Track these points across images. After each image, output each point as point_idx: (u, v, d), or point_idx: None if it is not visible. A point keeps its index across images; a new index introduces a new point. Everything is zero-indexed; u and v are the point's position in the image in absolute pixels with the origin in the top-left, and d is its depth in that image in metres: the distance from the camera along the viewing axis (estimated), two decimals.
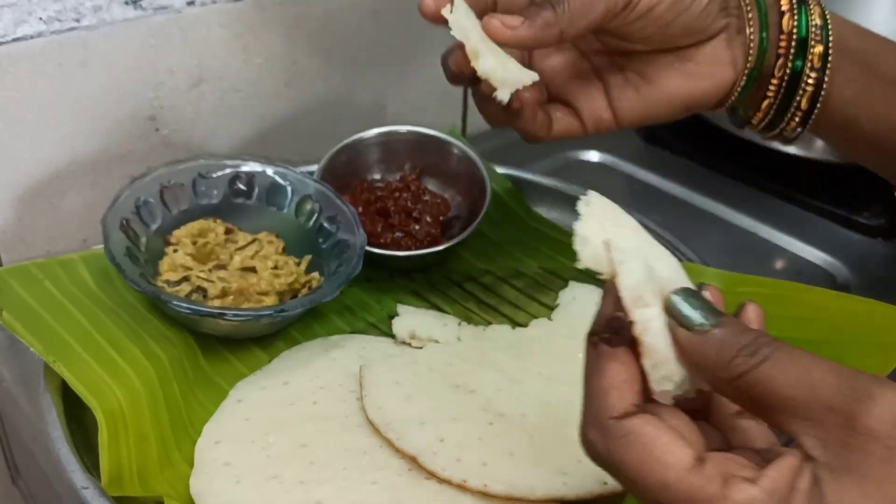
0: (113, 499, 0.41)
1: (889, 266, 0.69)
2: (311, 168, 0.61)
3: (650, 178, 0.78)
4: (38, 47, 0.56)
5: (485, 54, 0.43)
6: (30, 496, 0.63)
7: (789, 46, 0.46)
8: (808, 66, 0.46)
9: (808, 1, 0.46)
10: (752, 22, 0.46)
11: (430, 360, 0.51)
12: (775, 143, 0.76)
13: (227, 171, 0.56)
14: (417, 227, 0.59)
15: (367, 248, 0.54)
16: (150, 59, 0.60)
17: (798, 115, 0.47)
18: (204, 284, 0.51)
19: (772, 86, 0.47)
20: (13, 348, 0.51)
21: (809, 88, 0.46)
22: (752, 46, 0.46)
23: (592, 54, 0.49)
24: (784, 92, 0.47)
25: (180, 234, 0.53)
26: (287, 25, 0.66)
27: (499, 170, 0.67)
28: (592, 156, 0.81)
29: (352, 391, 0.48)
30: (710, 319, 0.30)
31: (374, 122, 0.65)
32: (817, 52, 0.45)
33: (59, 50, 0.56)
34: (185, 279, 0.51)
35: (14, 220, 0.59)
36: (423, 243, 0.58)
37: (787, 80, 0.46)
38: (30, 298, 0.49)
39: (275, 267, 0.53)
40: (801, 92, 0.46)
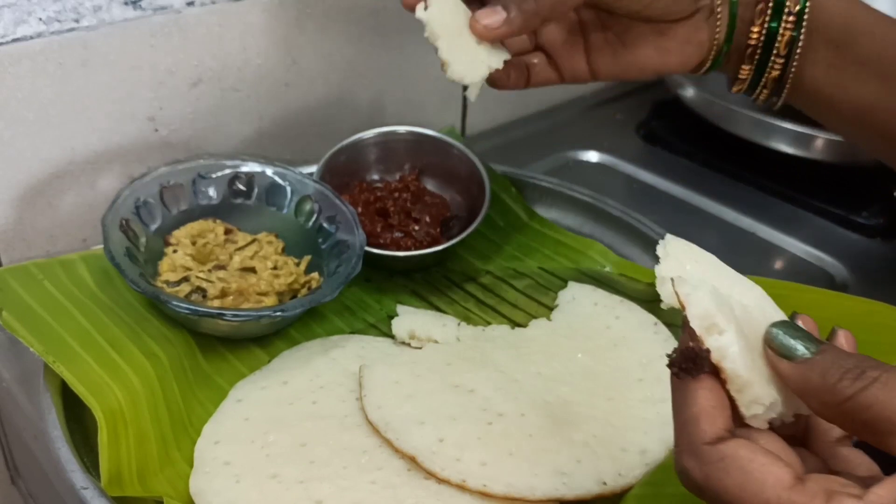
0: (113, 499, 0.41)
1: (887, 266, 0.69)
2: (311, 168, 0.61)
3: (649, 178, 0.78)
4: (38, 47, 0.56)
5: (453, 63, 0.45)
6: (29, 496, 0.63)
7: (762, 28, 0.47)
8: (777, 43, 0.48)
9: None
10: (722, 9, 0.48)
11: (429, 360, 0.51)
12: (774, 142, 0.76)
13: (227, 172, 0.56)
14: (417, 227, 0.59)
15: (366, 249, 0.54)
16: (149, 59, 0.60)
17: (769, 86, 0.50)
18: (203, 285, 0.51)
19: (747, 57, 0.49)
20: (13, 348, 0.52)
21: (778, 66, 0.48)
22: (720, 31, 0.48)
23: (582, 6, 0.50)
24: (757, 64, 0.49)
25: (180, 234, 0.54)
26: (286, 26, 0.66)
27: (498, 170, 0.67)
28: (592, 156, 0.81)
29: (351, 391, 0.49)
30: (811, 348, 0.30)
31: (373, 122, 0.66)
32: (786, 37, 0.47)
33: (59, 50, 0.56)
34: (185, 279, 0.51)
35: (14, 219, 0.59)
36: (422, 243, 0.58)
37: (760, 55, 0.48)
38: (29, 298, 0.49)
39: (274, 267, 0.53)
40: (771, 65, 0.48)
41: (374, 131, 0.63)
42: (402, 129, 0.64)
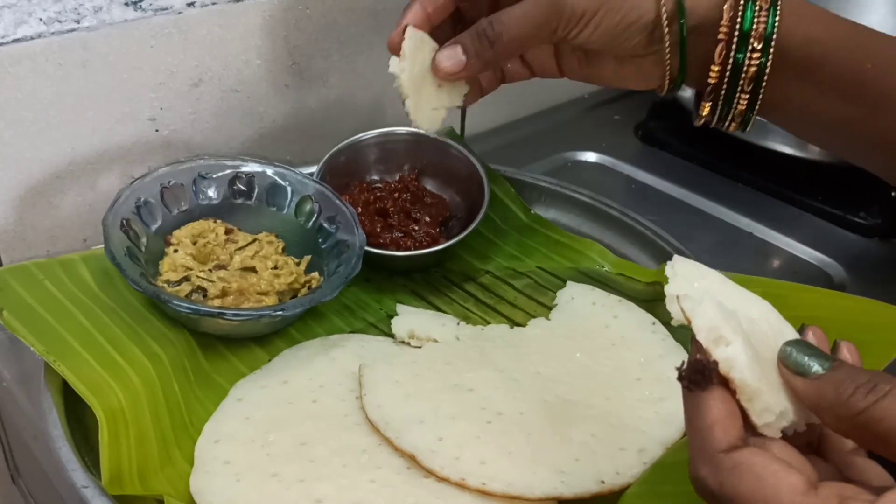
0: (113, 498, 0.41)
1: (885, 266, 0.69)
2: (311, 169, 0.61)
3: (647, 178, 0.78)
4: (38, 48, 0.56)
5: (417, 119, 0.50)
6: (30, 495, 0.63)
7: (726, 62, 0.48)
8: (744, 73, 0.48)
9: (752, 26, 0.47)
10: (671, 52, 0.49)
11: (429, 359, 0.51)
12: (771, 143, 0.77)
13: (228, 172, 0.56)
14: (416, 227, 0.59)
15: (366, 249, 0.54)
16: (150, 59, 0.61)
17: (736, 118, 0.50)
18: (204, 284, 0.51)
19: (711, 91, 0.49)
20: (14, 348, 0.52)
21: (744, 100, 0.49)
22: (669, 71, 0.50)
23: None
24: (725, 95, 0.49)
25: (180, 234, 0.54)
26: (287, 26, 0.66)
27: (497, 170, 0.67)
28: (590, 156, 0.81)
29: (351, 390, 0.49)
30: (825, 364, 0.31)
31: (373, 122, 0.66)
32: (752, 69, 0.47)
33: (60, 51, 0.57)
34: (186, 279, 0.52)
35: (15, 219, 0.59)
36: (422, 243, 0.59)
37: (728, 85, 0.48)
38: (30, 298, 0.50)
39: (275, 267, 0.54)
40: (738, 97, 0.49)
41: (374, 132, 0.63)
42: (401, 129, 0.64)
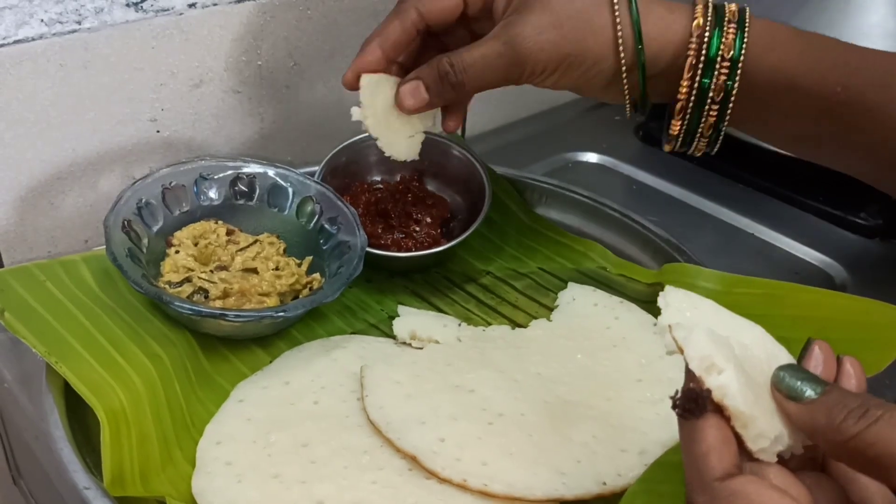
0: (115, 499, 0.41)
1: (886, 266, 0.69)
2: (312, 169, 0.61)
3: (648, 178, 0.78)
4: (39, 49, 0.56)
5: (392, 153, 0.54)
6: (31, 496, 0.63)
7: (691, 87, 0.48)
8: (710, 97, 0.49)
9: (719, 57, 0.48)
10: (631, 93, 0.50)
11: (430, 360, 0.51)
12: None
13: (229, 173, 0.56)
14: (417, 228, 0.59)
15: (367, 250, 0.54)
16: (151, 60, 0.61)
17: (704, 136, 0.51)
18: (205, 285, 0.51)
19: (676, 113, 0.50)
20: (15, 349, 0.52)
21: (713, 115, 0.49)
22: (631, 105, 0.52)
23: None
24: (689, 121, 0.50)
25: (182, 235, 0.54)
26: (287, 27, 0.66)
27: (498, 171, 0.67)
28: (591, 157, 0.81)
29: (352, 391, 0.49)
30: (817, 389, 0.31)
31: None
32: (718, 97, 0.48)
33: (61, 52, 0.57)
34: (187, 280, 0.52)
35: (16, 220, 0.59)
36: (423, 244, 0.59)
37: (692, 110, 0.50)
38: (31, 299, 0.50)
39: (276, 268, 0.54)
40: (705, 118, 0.50)
41: None
42: None
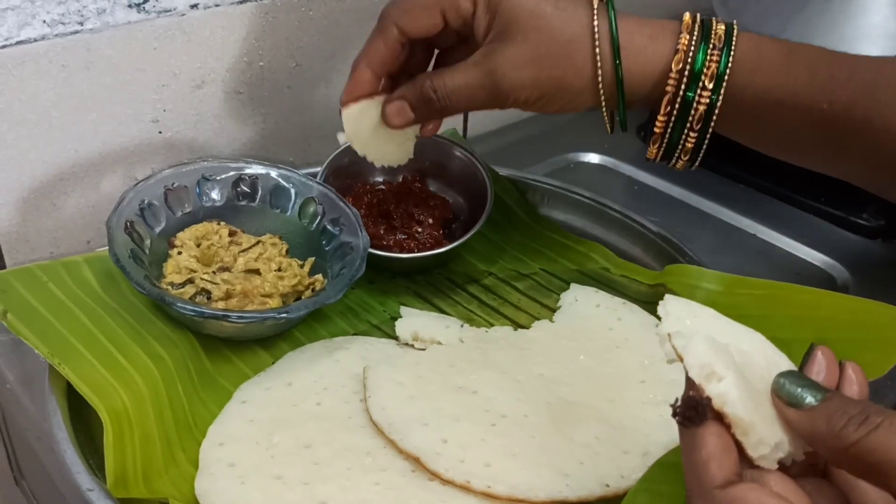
0: (118, 500, 0.41)
1: (888, 267, 0.69)
2: (314, 170, 0.61)
3: (649, 179, 0.78)
4: (41, 50, 0.56)
5: (383, 158, 0.55)
6: (33, 497, 0.63)
7: (675, 102, 0.48)
8: (693, 112, 0.48)
9: (703, 73, 0.48)
10: (610, 119, 0.51)
11: (432, 361, 0.51)
12: None
13: (231, 174, 0.56)
14: (420, 229, 0.59)
15: (369, 251, 0.54)
16: (153, 61, 0.61)
17: (685, 153, 0.51)
18: (208, 286, 0.51)
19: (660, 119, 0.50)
20: (17, 350, 0.52)
21: (692, 138, 0.49)
22: (611, 127, 0.52)
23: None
24: (671, 132, 0.50)
25: (184, 236, 0.54)
26: (289, 28, 0.66)
27: (500, 171, 0.67)
28: (592, 158, 0.81)
29: (355, 392, 0.49)
30: (818, 395, 0.31)
31: None
32: (701, 109, 0.48)
33: (63, 52, 0.57)
34: (190, 281, 0.52)
35: (18, 221, 0.59)
36: (425, 245, 0.59)
37: (675, 123, 0.49)
38: (34, 300, 0.50)
39: (278, 269, 0.54)
40: (685, 135, 0.49)
41: None
42: None
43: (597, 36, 0.48)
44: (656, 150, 0.51)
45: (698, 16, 0.49)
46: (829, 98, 0.47)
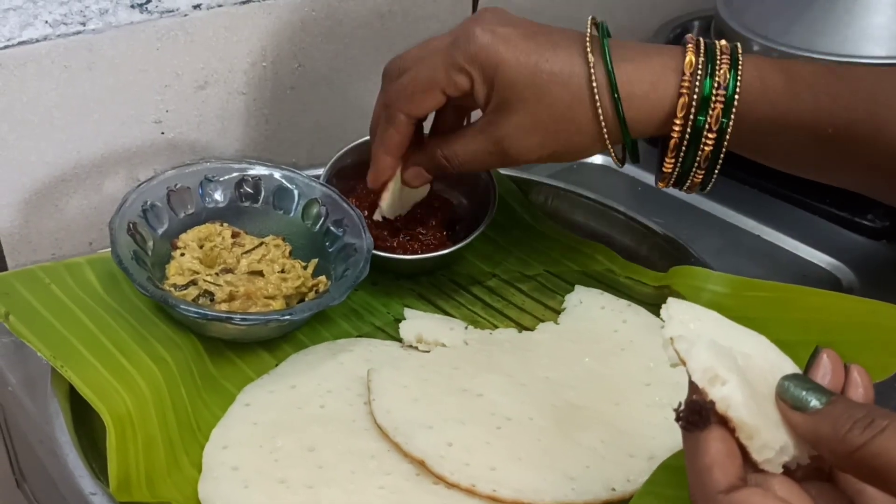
0: None
1: (893, 269, 0.69)
2: (317, 171, 0.60)
3: (653, 179, 0.78)
4: (43, 50, 0.56)
5: (403, 207, 0.59)
6: (35, 500, 0.63)
7: (685, 125, 0.48)
8: (704, 139, 0.49)
9: (712, 95, 0.48)
10: (616, 150, 0.53)
11: (437, 363, 0.51)
12: None
13: (234, 175, 0.56)
14: (423, 230, 0.59)
15: (373, 252, 0.54)
16: (155, 62, 0.60)
17: (700, 173, 0.51)
18: (211, 288, 0.51)
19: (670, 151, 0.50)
20: (20, 352, 0.51)
21: (707, 148, 0.49)
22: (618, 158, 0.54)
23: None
24: (684, 159, 0.50)
25: (187, 237, 0.53)
26: (292, 28, 0.66)
27: (504, 172, 0.67)
28: (596, 158, 0.80)
29: (359, 395, 0.48)
30: (822, 399, 0.31)
31: None
32: (709, 145, 0.49)
33: (65, 53, 0.56)
34: (193, 283, 0.51)
35: (20, 223, 0.59)
36: (428, 247, 0.58)
37: (687, 147, 0.50)
38: (36, 302, 0.49)
39: (282, 271, 0.53)
40: (701, 151, 0.50)
41: None
42: None
43: (597, 96, 0.48)
44: (672, 164, 0.51)
45: (700, 56, 0.48)
46: (832, 120, 0.47)
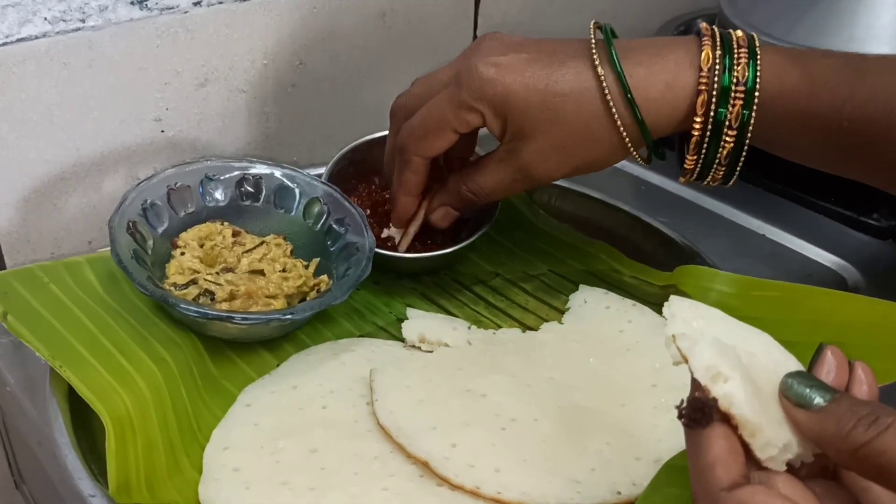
0: None
1: None
2: (318, 170, 0.60)
3: (657, 179, 0.77)
4: (43, 47, 0.55)
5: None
6: (34, 502, 0.63)
7: (706, 118, 0.48)
8: (727, 127, 0.48)
9: (731, 88, 0.47)
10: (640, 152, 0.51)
11: (440, 364, 0.50)
12: None
13: (235, 173, 0.56)
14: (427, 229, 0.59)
15: (375, 250, 0.53)
16: (155, 59, 0.60)
17: (722, 165, 0.51)
18: (212, 287, 0.50)
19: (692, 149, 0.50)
20: (18, 352, 0.51)
21: (728, 145, 0.49)
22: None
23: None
24: (706, 153, 0.50)
25: (187, 236, 0.53)
26: (294, 26, 0.66)
27: None
28: None
29: (362, 395, 0.48)
30: (826, 396, 0.31)
31: (381, 124, 0.65)
32: (729, 141, 0.49)
33: (65, 50, 0.56)
34: (193, 282, 0.51)
35: (19, 222, 0.59)
36: (431, 246, 0.58)
37: (709, 142, 0.49)
38: (35, 302, 0.49)
39: (283, 270, 0.53)
40: (723, 146, 0.49)
41: (383, 133, 0.62)
42: None
43: (613, 108, 0.48)
44: (694, 161, 0.51)
45: (717, 49, 0.47)
46: (849, 116, 0.47)
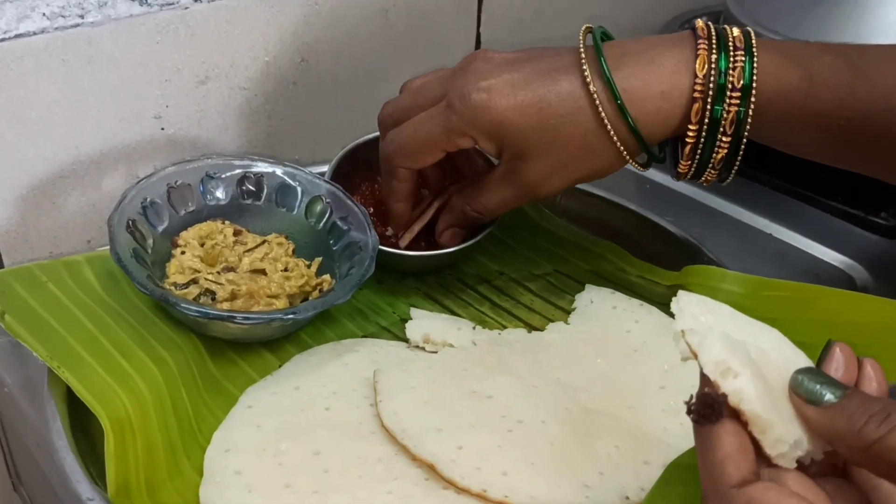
0: None
1: None
2: (320, 168, 0.59)
3: (662, 178, 0.77)
4: (41, 44, 0.54)
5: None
6: None
7: (703, 116, 0.47)
8: (723, 124, 0.48)
9: (727, 84, 0.47)
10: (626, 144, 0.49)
11: (445, 364, 0.50)
12: None
13: (236, 172, 0.55)
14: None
15: (379, 248, 0.52)
16: (155, 56, 0.59)
17: (717, 166, 0.50)
18: (213, 287, 0.50)
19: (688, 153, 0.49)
20: (16, 353, 0.50)
21: (724, 148, 0.49)
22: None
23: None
24: (701, 151, 0.49)
25: (188, 235, 0.52)
26: (295, 23, 0.65)
27: None
28: None
29: (365, 397, 0.47)
30: (837, 392, 0.31)
31: None
32: (729, 127, 0.48)
33: (64, 47, 0.55)
34: (194, 282, 0.50)
35: (17, 220, 0.58)
36: (435, 245, 0.57)
37: (704, 141, 0.49)
38: (33, 301, 0.48)
39: (285, 269, 0.52)
40: (717, 149, 0.49)
41: None
42: None
43: (608, 124, 0.48)
44: (688, 164, 0.50)
45: (712, 53, 0.47)
46: (849, 113, 0.47)
